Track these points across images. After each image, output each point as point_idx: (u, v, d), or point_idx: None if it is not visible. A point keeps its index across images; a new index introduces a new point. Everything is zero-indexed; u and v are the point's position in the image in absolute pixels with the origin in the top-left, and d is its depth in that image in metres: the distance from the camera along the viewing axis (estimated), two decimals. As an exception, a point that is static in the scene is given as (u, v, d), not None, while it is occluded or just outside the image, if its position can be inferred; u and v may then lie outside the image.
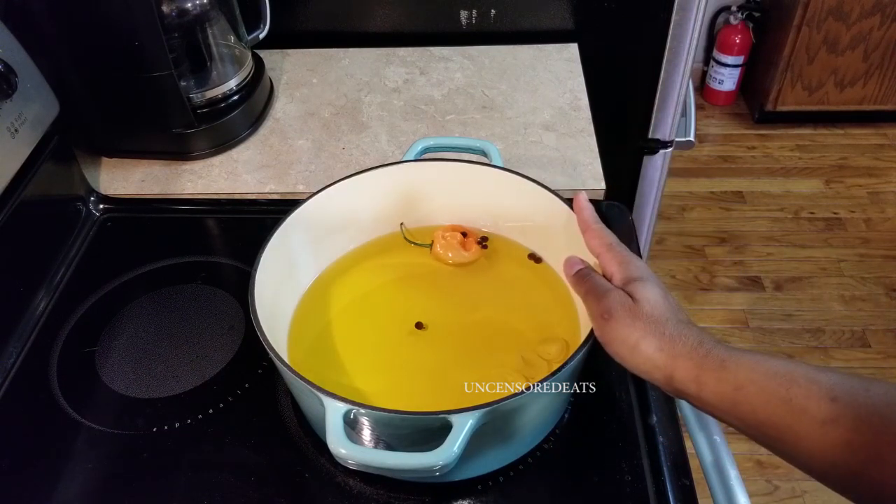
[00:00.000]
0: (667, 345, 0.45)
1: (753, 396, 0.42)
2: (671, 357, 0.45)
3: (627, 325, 0.46)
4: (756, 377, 0.42)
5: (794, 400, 0.41)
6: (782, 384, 0.41)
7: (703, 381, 0.44)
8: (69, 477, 0.54)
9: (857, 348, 1.64)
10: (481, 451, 0.49)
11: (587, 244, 0.53)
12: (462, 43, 0.97)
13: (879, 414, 0.38)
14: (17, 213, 0.63)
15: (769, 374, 0.42)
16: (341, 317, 0.60)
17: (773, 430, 0.42)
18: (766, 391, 0.42)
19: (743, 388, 0.43)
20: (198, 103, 0.79)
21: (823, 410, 0.40)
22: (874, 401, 0.38)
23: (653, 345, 0.45)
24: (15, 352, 0.62)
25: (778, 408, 0.41)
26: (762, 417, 0.42)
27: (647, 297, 0.47)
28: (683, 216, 1.99)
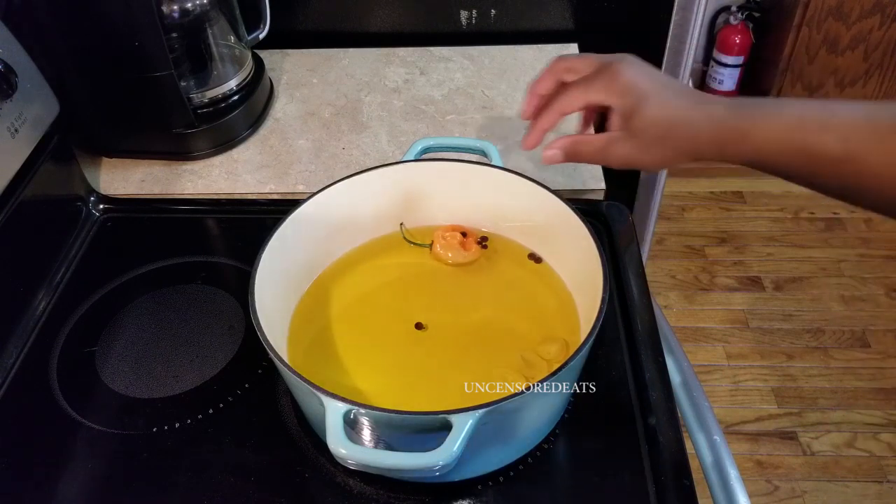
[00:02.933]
0: (684, 146, 0.49)
1: (775, 157, 0.46)
2: (690, 151, 0.50)
3: (645, 156, 0.51)
4: (772, 139, 0.45)
5: (811, 148, 0.44)
6: (797, 138, 0.44)
7: (725, 153, 0.48)
8: (69, 477, 0.54)
9: (857, 348, 1.64)
10: (481, 451, 0.49)
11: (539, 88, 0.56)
12: (462, 43, 0.97)
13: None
14: (17, 213, 0.63)
15: (785, 133, 0.45)
16: (341, 317, 0.60)
17: (798, 176, 0.46)
18: (785, 150, 0.45)
19: (762, 152, 0.46)
20: (198, 103, 0.79)
21: (835, 152, 0.43)
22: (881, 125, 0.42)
23: (669, 156, 0.50)
24: (15, 352, 0.62)
25: (797, 159, 0.45)
26: (786, 169, 0.46)
27: (647, 121, 0.50)
28: (683, 216, 1.99)
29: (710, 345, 1.67)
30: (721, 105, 0.48)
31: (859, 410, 1.53)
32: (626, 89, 0.50)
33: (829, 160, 0.43)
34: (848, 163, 0.43)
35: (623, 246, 0.67)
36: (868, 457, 1.45)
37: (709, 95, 0.50)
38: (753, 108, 0.47)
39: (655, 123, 0.49)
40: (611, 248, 0.67)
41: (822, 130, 0.43)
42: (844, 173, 0.43)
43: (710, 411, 0.60)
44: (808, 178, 0.45)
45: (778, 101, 0.46)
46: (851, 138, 0.42)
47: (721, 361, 1.63)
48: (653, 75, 0.51)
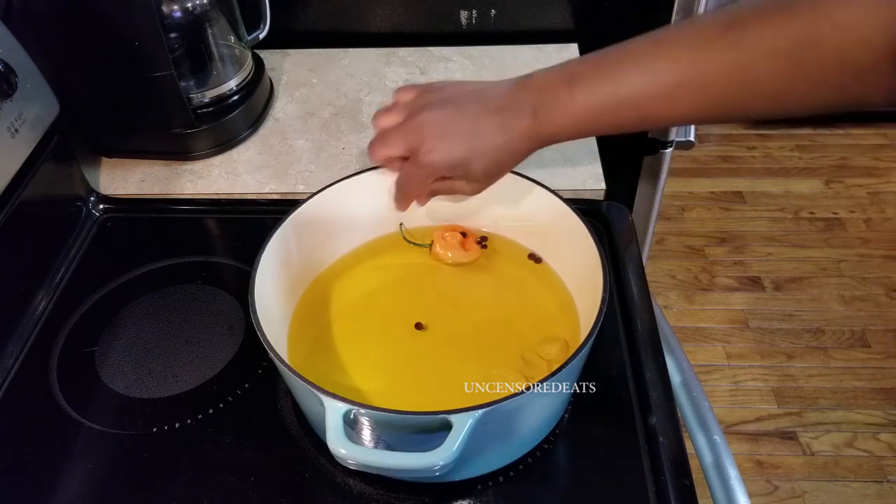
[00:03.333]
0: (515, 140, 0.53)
1: (587, 133, 0.53)
2: (517, 159, 0.54)
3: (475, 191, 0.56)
4: (580, 125, 0.51)
5: (613, 123, 0.50)
6: (603, 118, 0.50)
7: (542, 146, 0.53)
8: (69, 477, 0.54)
9: (857, 348, 1.64)
10: (481, 451, 0.49)
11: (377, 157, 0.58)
12: (462, 43, 0.97)
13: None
14: (17, 213, 0.63)
15: (589, 122, 0.50)
16: (341, 317, 0.60)
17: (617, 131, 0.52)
18: (595, 129, 0.53)
19: (574, 136, 0.52)
20: (198, 103, 0.79)
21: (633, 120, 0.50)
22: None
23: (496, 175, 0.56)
24: (15, 352, 0.62)
25: (601, 131, 0.53)
26: (599, 134, 0.55)
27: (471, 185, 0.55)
28: (683, 216, 1.99)
29: (710, 345, 1.67)
30: (526, 114, 0.51)
31: (859, 410, 1.53)
32: (448, 170, 0.54)
33: (630, 125, 0.50)
34: (646, 121, 0.50)
35: (623, 246, 0.67)
36: (868, 457, 1.45)
37: (512, 103, 0.52)
38: (555, 109, 0.50)
39: (487, 173, 0.55)
40: (611, 248, 0.67)
41: (618, 108, 0.49)
42: (646, 126, 0.51)
43: (710, 411, 0.60)
44: (611, 134, 0.52)
45: (570, 81, 0.49)
46: (644, 106, 0.48)
47: (721, 361, 1.64)
48: (456, 128, 0.53)
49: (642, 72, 0.47)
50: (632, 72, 0.48)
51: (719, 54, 0.44)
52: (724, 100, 0.46)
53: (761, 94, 0.45)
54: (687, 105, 0.47)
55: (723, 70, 0.45)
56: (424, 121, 0.53)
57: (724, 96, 0.46)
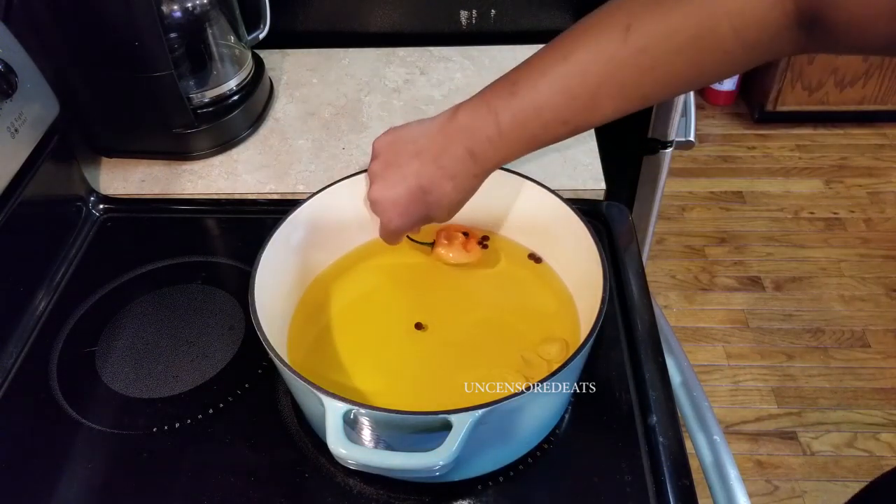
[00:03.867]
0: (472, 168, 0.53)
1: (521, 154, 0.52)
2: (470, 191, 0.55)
3: (447, 216, 0.56)
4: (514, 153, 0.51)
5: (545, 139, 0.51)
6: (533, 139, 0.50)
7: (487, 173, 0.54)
8: (69, 477, 0.54)
9: (857, 348, 1.64)
10: (481, 451, 0.49)
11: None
12: (462, 43, 0.97)
13: None
14: (17, 213, 0.63)
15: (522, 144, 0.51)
16: (341, 317, 0.60)
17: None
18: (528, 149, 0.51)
19: (506, 161, 0.52)
20: (198, 103, 0.79)
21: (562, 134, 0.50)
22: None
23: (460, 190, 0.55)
24: (15, 352, 0.62)
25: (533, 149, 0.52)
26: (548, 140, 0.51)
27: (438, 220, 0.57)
28: (683, 216, 1.99)
29: (710, 345, 1.67)
30: (463, 158, 0.52)
31: (859, 410, 1.53)
32: (413, 225, 0.57)
33: (561, 136, 0.51)
34: (575, 130, 0.50)
35: (623, 246, 0.67)
36: (868, 457, 1.45)
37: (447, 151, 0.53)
38: (489, 147, 0.51)
39: (450, 211, 0.56)
40: (611, 248, 0.67)
41: (545, 129, 0.50)
42: (576, 132, 0.51)
43: (710, 411, 0.60)
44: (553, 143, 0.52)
45: (496, 116, 0.50)
46: (569, 121, 0.49)
47: (721, 361, 1.64)
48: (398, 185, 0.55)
49: (560, 90, 0.48)
50: (550, 92, 0.49)
51: (627, 57, 0.46)
52: (643, 92, 0.47)
53: (676, 82, 0.47)
54: (610, 106, 0.48)
55: (634, 70, 0.46)
56: (374, 198, 0.56)
57: (642, 91, 0.47)
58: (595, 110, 0.48)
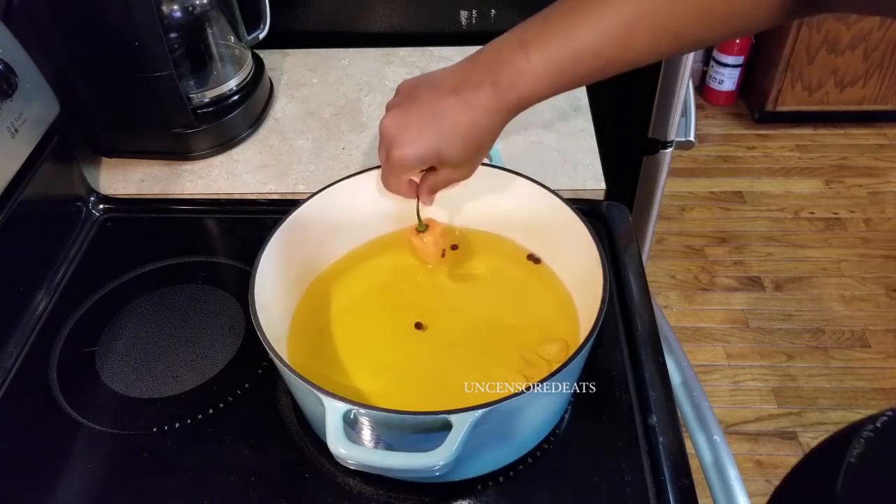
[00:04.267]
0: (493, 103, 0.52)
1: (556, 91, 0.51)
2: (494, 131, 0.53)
3: (466, 174, 0.55)
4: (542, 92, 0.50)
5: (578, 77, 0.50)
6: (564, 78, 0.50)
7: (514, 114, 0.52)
8: (69, 477, 0.54)
9: (857, 348, 1.64)
10: (481, 451, 0.49)
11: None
12: (462, 43, 0.97)
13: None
14: (17, 213, 0.63)
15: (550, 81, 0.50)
16: (341, 317, 0.60)
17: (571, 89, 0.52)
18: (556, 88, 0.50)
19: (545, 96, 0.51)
20: (198, 103, 0.79)
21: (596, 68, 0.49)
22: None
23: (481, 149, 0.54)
24: (15, 352, 0.62)
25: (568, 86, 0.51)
26: (560, 91, 0.51)
27: (448, 168, 0.54)
28: (683, 216, 1.99)
29: (710, 345, 1.67)
30: (486, 89, 0.51)
31: (859, 410, 1.53)
32: (421, 162, 0.53)
33: (595, 73, 0.50)
34: (609, 66, 0.49)
35: (623, 246, 0.67)
36: (868, 457, 1.45)
37: (469, 80, 0.52)
38: (514, 78, 0.50)
39: (466, 152, 0.53)
40: (611, 248, 0.67)
41: (577, 61, 0.49)
42: (610, 71, 0.50)
43: (710, 411, 0.60)
44: (584, 84, 0.52)
45: (524, 44, 0.50)
46: (602, 52, 0.48)
47: (721, 361, 1.64)
48: (415, 121, 0.53)
49: (594, 20, 0.48)
50: (583, 22, 0.48)
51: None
52: (676, 29, 0.48)
53: (708, 19, 0.47)
54: (643, 41, 0.48)
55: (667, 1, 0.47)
56: (385, 125, 0.54)
57: (675, 27, 0.47)
58: (628, 46, 0.48)
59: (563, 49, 0.49)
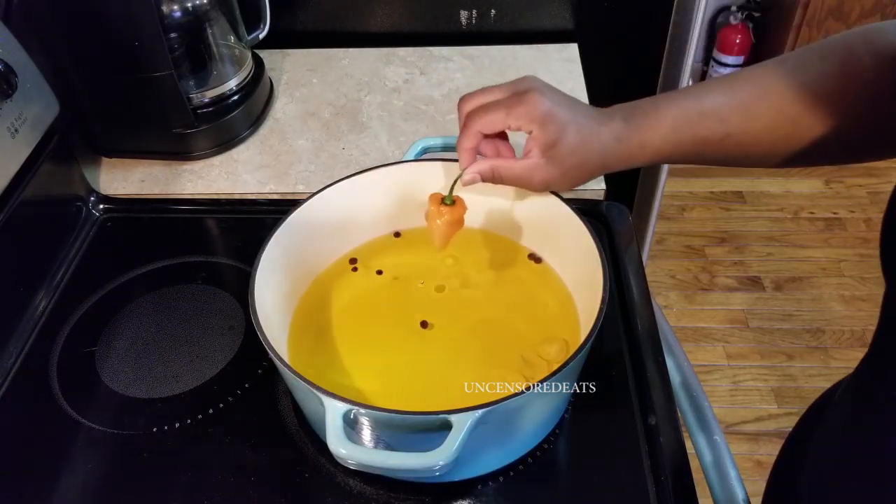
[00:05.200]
0: (595, 170, 0.54)
1: (671, 153, 0.53)
2: (601, 171, 0.55)
3: (562, 182, 0.55)
4: (666, 141, 0.52)
5: (698, 136, 0.52)
6: (685, 133, 0.52)
7: (633, 164, 0.54)
8: (69, 477, 0.54)
9: (857, 348, 1.64)
10: (481, 451, 0.49)
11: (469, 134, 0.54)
12: (462, 43, 0.97)
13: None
14: (17, 213, 0.63)
15: (674, 132, 0.52)
16: (341, 317, 0.60)
17: (692, 160, 0.54)
18: (678, 145, 0.52)
19: (661, 153, 0.53)
20: (198, 103, 0.79)
21: (719, 132, 0.51)
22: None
23: (583, 179, 0.55)
24: (15, 352, 0.62)
25: (689, 147, 0.52)
26: (681, 158, 0.53)
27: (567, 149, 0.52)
28: (683, 216, 1.99)
29: (710, 345, 1.67)
30: (618, 119, 0.53)
31: (859, 410, 1.53)
32: (547, 118, 0.52)
33: (715, 141, 0.52)
34: (729, 137, 0.51)
35: (623, 246, 0.67)
36: (868, 457, 1.45)
37: (604, 111, 0.54)
38: (643, 118, 0.53)
39: (574, 152, 0.53)
40: (611, 248, 0.67)
41: (702, 119, 0.51)
42: (728, 147, 0.52)
43: (710, 411, 0.60)
44: (699, 159, 0.54)
45: (655, 101, 0.53)
46: (727, 118, 0.51)
47: (721, 361, 1.63)
48: (564, 102, 0.54)
49: (724, 89, 0.52)
50: (714, 90, 0.52)
51: (790, 76, 0.50)
52: (797, 116, 0.50)
53: (823, 112, 0.49)
54: (766, 119, 0.51)
55: (795, 88, 0.49)
56: (533, 87, 0.53)
57: (797, 111, 0.50)
58: (751, 117, 0.51)
59: (691, 106, 0.52)
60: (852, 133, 0.50)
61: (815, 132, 0.50)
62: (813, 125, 0.50)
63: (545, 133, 0.52)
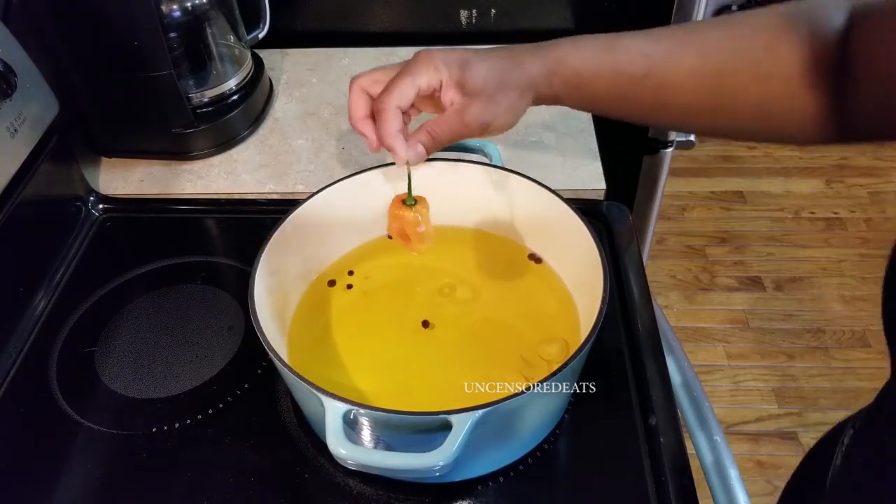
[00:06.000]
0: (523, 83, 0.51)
1: (592, 80, 0.51)
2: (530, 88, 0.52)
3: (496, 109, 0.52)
4: (587, 61, 0.50)
5: (620, 67, 0.50)
6: (607, 60, 0.50)
7: (553, 83, 0.52)
8: (69, 477, 0.54)
9: (858, 348, 1.64)
10: (481, 451, 0.49)
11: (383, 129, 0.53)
12: (462, 43, 0.96)
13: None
14: (16, 213, 0.63)
15: (595, 55, 0.50)
16: (341, 317, 0.60)
17: (614, 96, 0.51)
18: (598, 71, 0.50)
19: (581, 75, 0.51)
20: (197, 103, 0.79)
21: (639, 68, 0.49)
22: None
23: (515, 97, 0.52)
24: (15, 352, 0.62)
25: (610, 81, 0.50)
26: (601, 92, 0.51)
27: (482, 75, 0.51)
28: (684, 216, 1.99)
29: (710, 345, 1.67)
30: (538, 45, 0.52)
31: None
32: (446, 60, 0.52)
33: (636, 78, 0.50)
34: (650, 77, 0.49)
35: (623, 246, 0.67)
36: (868, 457, 1.45)
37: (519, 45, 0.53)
38: (569, 41, 0.52)
39: (487, 76, 0.51)
40: (611, 248, 0.67)
41: (626, 49, 0.50)
42: (648, 89, 0.50)
43: (710, 411, 0.60)
44: (622, 100, 0.52)
45: (585, 36, 0.52)
46: (650, 54, 0.49)
47: (721, 361, 1.63)
48: (459, 50, 0.53)
49: (649, 33, 0.51)
50: (638, 33, 0.51)
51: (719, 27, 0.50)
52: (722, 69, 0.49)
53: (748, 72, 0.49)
54: (690, 62, 0.49)
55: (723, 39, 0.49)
56: (420, 51, 0.54)
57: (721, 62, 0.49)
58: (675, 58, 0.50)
59: (613, 39, 0.51)
60: (775, 105, 0.48)
61: (740, 96, 0.48)
62: (737, 87, 0.48)
63: (451, 72, 0.51)
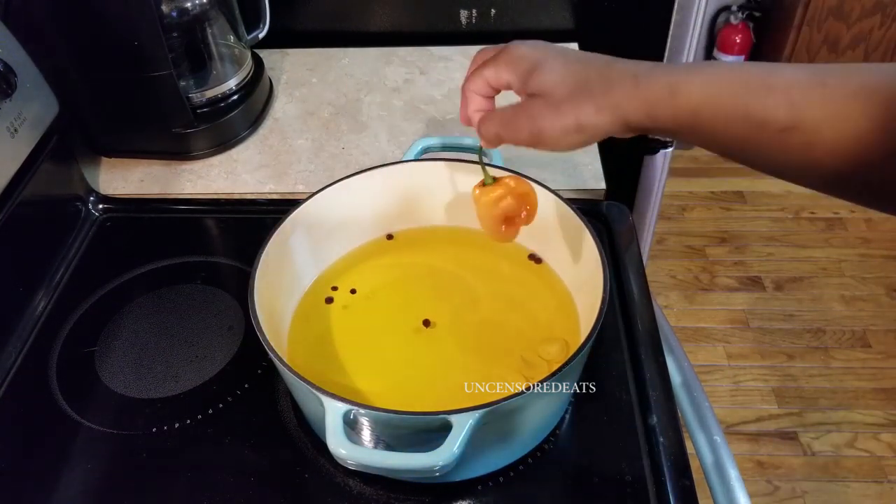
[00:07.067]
0: (603, 101, 0.43)
1: (710, 120, 0.40)
2: (613, 109, 0.43)
3: (556, 118, 0.45)
4: (708, 97, 0.40)
5: (753, 112, 0.38)
6: (737, 100, 0.39)
7: (656, 115, 0.42)
8: (69, 477, 0.54)
9: (858, 348, 1.64)
10: (481, 451, 0.49)
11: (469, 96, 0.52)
12: (462, 43, 0.97)
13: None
14: (16, 213, 0.63)
15: (720, 90, 0.40)
16: (341, 317, 0.60)
17: (735, 145, 0.41)
18: (722, 112, 0.39)
19: (698, 113, 0.40)
20: (197, 103, 0.79)
21: (781, 119, 0.37)
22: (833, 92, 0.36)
23: (590, 113, 0.44)
24: (15, 352, 0.62)
25: (736, 125, 0.39)
26: (723, 136, 0.40)
27: (550, 81, 0.45)
28: (684, 216, 1.99)
29: (710, 345, 1.67)
30: (644, 63, 0.44)
31: (860, 410, 1.53)
32: (519, 58, 0.48)
33: (774, 128, 0.38)
34: (795, 131, 0.37)
35: (623, 246, 0.67)
36: (868, 457, 1.45)
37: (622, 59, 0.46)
38: (685, 65, 0.43)
39: (558, 82, 0.45)
40: (611, 248, 0.67)
41: (767, 91, 0.38)
42: (790, 145, 0.38)
43: (710, 411, 0.60)
44: (746, 149, 0.40)
45: (709, 61, 0.45)
46: (799, 103, 0.37)
47: (721, 361, 1.63)
48: (551, 47, 0.48)
49: (792, 72, 0.39)
50: (787, 65, 0.40)
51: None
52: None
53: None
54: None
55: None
56: (518, 42, 0.49)
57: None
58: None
59: (753, 72, 0.39)
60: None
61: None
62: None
63: (517, 69, 0.47)
